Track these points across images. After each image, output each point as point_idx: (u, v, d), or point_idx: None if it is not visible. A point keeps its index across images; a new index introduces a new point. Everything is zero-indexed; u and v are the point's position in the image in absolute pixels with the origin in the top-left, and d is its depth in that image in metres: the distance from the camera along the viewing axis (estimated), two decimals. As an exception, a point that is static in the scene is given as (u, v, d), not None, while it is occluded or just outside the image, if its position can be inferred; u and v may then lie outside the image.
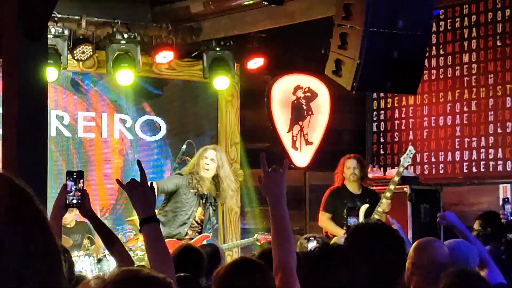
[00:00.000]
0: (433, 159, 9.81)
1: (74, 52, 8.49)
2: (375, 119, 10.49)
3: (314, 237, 7.97)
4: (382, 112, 10.38)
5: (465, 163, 9.51)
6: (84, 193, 3.77)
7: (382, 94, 10.33)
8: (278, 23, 8.50)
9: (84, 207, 3.79)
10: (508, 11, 9.20)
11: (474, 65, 9.46)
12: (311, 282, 2.94)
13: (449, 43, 9.72)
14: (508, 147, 9.14)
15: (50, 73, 7.31)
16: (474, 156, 9.42)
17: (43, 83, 5.27)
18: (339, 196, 8.58)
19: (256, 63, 9.43)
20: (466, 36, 9.55)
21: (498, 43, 9.26)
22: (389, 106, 10.34)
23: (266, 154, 3.48)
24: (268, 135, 9.81)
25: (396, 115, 10.22)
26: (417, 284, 4.12)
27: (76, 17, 8.58)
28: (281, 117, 9.88)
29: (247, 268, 3.30)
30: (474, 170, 9.42)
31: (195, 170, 7.90)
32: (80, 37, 8.58)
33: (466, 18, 9.57)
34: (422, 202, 9.05)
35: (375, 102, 10.45)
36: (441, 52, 9.77)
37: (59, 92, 8.84)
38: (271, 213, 3.33)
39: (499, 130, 9.21)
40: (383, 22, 6.02)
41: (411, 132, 10.06)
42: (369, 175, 9.39)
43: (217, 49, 9.21)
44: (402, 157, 8.30)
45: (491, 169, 9.28)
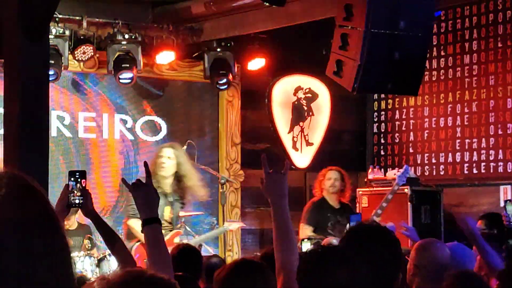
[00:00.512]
0: (433, 160, 9.81)
1: (75, 52, 8.49)
2: (375, 120, 10.48)
3: (309, 238, 7.98)
4: (382, 113, 10.38)
5: (466, 164, 9.50)
6: (86, 193, 3.76)
7: (382, 95, 10.32)
8: (279, 24, 8.50)
9: (86, 207, 3.78)
10: (509, 13, 9.20)
11: (475, 67, 9.45)
12: (310, 282, 2.94)
13: (450, 44, 9.72)
14: (508, 149, 9.14)
15: (51, 74, 7.31)
16: (475, 158, 9.42)
17: (45, 83, 5.27)
18: (322, 209, 8.49)
19: (257, 63, 9.43)
20: (467, 37, 9.55)
21: (499, 45, 9.26)
22: (389, 107, 10.33)
23: (267, 155, 3.48)
24: (268, 135, 9.81)
25: (397, 116, 10.22)
26: (419, 285, 4.12)
27: (77, 18, 8.58)
28: (281, 118, 9.88)
29: (248, 269, 3.30)
30: (475, 171, 9.42)
31: (153, 171, 7.87)
32: (81, 37, 8.57)
33: (467, 20, 9.57)
34: (423, 203, 9.04)
35: (376, 103, 10.45)
36: (442, 53, 9.77)
37: (60, 93, 8.84)
38: (273, 214, 3.32)
39: (500, 132, 9.20)
40: (384, 23, 6.02)
41: (411, 133, 10.06)
42: (370, 176, 9.39)
43: (218, 49, 9.21)
44: (398, 176, 8.17)
45: (491, 171, 9.28)
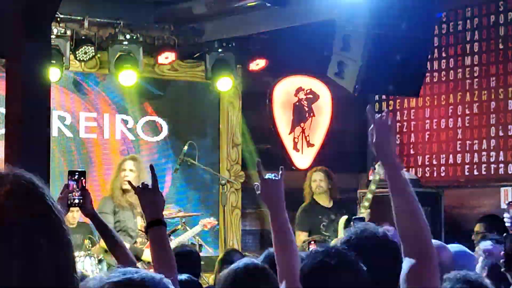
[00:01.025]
0: (434, 162, 9.80)
1: (77, 52, 8.50)
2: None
3: (315, 241, 7.96)
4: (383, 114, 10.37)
5: (467, 166, 9.50)
6: (86, 193, 3.77)
7: (384, 96, 10.32)
8: (281, 24, 8.50)
9: (86, 207, 3.79)
10: (510, 14, 9.19)
11: (476, 68, 9.45)
12: (314, 284, 2.93)
13: (451, 45, 9.71)
14: (509, 150, 9.13)
15: (52, 74, 7.31)
16: (476, 159, 9.41)
17: (46, 83, 5.27)
18: (313, 212, 8.47)
19: (258, 64, 9.43)
20: (468, 39, 9.55)
21: (500, 46, 9.26)
22: (391, 108, 10.32)
23: (267, 155, 3.48)
24: (269, 136, 9.81)
25: (398, 117, 10.21)
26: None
27: (79, 18, 8.58)
28: (282, 119, 9.88)
29: (250, 272, 3.29)
30: (476, 173, 9.41)
31: (115, 186, 7.80)
32: (83, 37, 8.58)
33: (468, 21, 9.56)
34: (423, 204, 8.86)
35: (377, 104, 10.45)
36: (443, 54, 9.77)
37: (61, 93, 8.84)
38: (271, 219, 3.32)
39: (501, 133, 9.20)
40: (386, 25, 6.02)
41: (412, 135, 10.06)
42: (370, 178, 9.38)
43: (219, 50, 9.21)
44: (377, 164, 7.97)
45: (492, 172, 9.27)
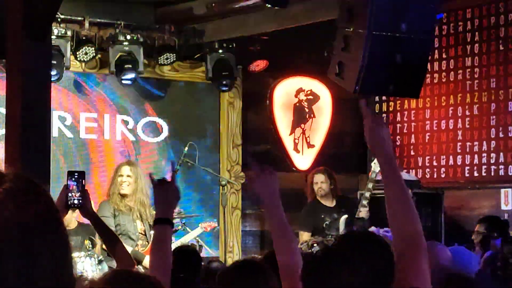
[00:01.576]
0: (434, 163, 9.81)
1: (77, 53, 8.50)
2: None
3: (317, 243, 7.95)
4: (384, 115, 10.37)
5: (467, 167, 9.50)
6: (85, 193, 3.75)
7: (384, 97, 10.32)
8: (281, 25, 8.50)
9: (85, 208, 3.77)
10: (511, 16, 9.20)
11: (476, 69, 9.45)
12: (313, 283, 2.92)
13: (451, 47, 9.72)
14: (509, 152, 9.13)
15: (52, 74, 7.31)
16: (476, 160, 9.42)
17: (47, 83, 5.28)
18: (315, 211, 8.48)
19: (258, 65, 9.43)
20: (468, 40, 9.55)
21: (501, 47, 9.26)
22: (391, 109, 10.33)
23: (268, 156, 3.47)
24: (269, 137, 9.81)
25: (398, 118, 10.21)
26: None
27: (79, 18, 8.59)
28: (283, 120, 9.88)
29: (249, 270, 3.28)
30: (476, 174, 9.41)
31: (113, 191, 7.75)
32: (83, 38, 8.58)
33: (468, 22, 9.56)
34: (424, 206, 9.02)
35: (377, 105, 10.45)
36: (444, 55, 9.77)
37: (62, 93, 8.84)
38: (269, 215, 3.25)
39: (501, 135, 9.20)
40: (386, 26, 6.02)
41: (412, 136, 10.06)
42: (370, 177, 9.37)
43: (220, 51, 9.21)
44: (373, 163, 7.97)
45: (492, 174, 9.27)
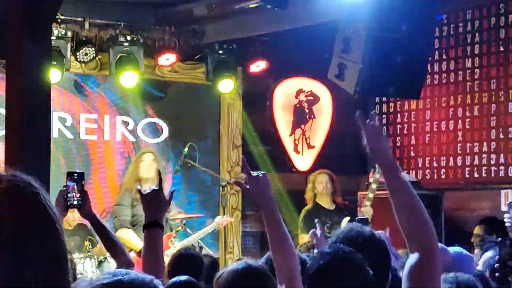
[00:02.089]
0: (435, 164, 9.80)
1: (77, 54, 8.49)
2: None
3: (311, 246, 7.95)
4: (384, 116, 10.38)
5: (467, 168, 9.50)
6: (84, 194, 3.75)
7: (384, 98, 10.32)
8: (281, 26, 8.50)
9: (84, 208, 3.78)
10: (511, 17, 9.20)
11: (476, 70, 9.45)
12: (318, 286, 2.86)
13: (451, 48, 9.72)
14: (510, 153, 9.13)
15: (53, 75, 7.31)
16: (476, 161, 9.42)
17: (47, 84, 5.28)
18: (316, 214, 8.49)
19: (258, 66, 9.43)
20: (468, 41, 9.55)
21: (501, 49, 9.26)
22: (391, 110, 10.33)
23: (268, 157, 3.45)
24: (270, 138, 9.80)
25: (399, 119, 10.21)
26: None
27: (79, 19, 8.58)
28: (283, 121, 9.88)
29: (249, 273, 3.27)
30: (476, 175, 9.41)
31: (134, 178, 7.85)
32: (83, 39, 8.58)
33: (469, 23, 9.56)
34: (424, 206, 9.00)
35: (378, 106, 10.45)
36: (444, 57, 9.77)
37: (62, 94, 8.84)
38: (266, 217, 3.18)
39: (501, 136, 9.20)
40: (386, 27, 6.03)
41: (413, 137, 10.06)
42: (371, 180, 9.37)
43: (220, 52, 9.21)
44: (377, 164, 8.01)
45: (492, 175, 9.27)
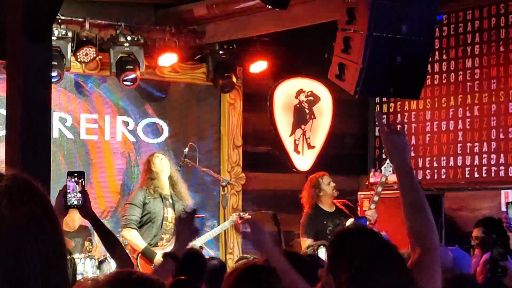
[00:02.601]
0: (435, 164, 9.81)
1: (77, 54, 8.50)
2: (377, 123, 10.48)
3: (325, 246, 7.94)
4: (384, 116, 10.38)
5: (467, 168, 9.50)
6: (85, 194, 3.74)
7: (384, 99, 10.32)
8: (282, 26, 8.51)
9: (84, 208, 3.76)
10: (511, 17, 9.20)
11: (477, 71, 9.46)
12: (371, 281, 2.67)
13: (452, 48, 9.72)
14: (510, 153, 9.14)
15: (53, 75, 7.32)
16: (476, 162, 9.42)
17: (47, 85, 5.28)
18: (317, 218, 8.51)
19: (259, 66, 9.44)
20: (469, 41, 9.55)
21: (501, 49, 9.26)
22: (391, 110, 10.34)
23: (268, 157, 3.43)
24: (270, 138, 9.81)
25: (399, 119, 10.22)
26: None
27: (80, 19, 8.58)
28: (283, 121, 9.88)
29: (256, 272, 3.26)
30: (476, 175, 9.41)
31: (149, 176, 7.83)
32: (84, 39, 8.58)
33: (469, 23, 9.57)
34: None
35: (378, 106, 10.46)
36: (444, 57, 9.77)
37: (62, 94, 8.84)
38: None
39: (501, 136, 9.21)
40: (386, 27, 6.03)
41: (413, 137, 10.06)
42: (371, 180, 9.38)
43: (221, 52, 9.22)
44: (383, 167, 8.03)
45: (493, 175, 9.28)
